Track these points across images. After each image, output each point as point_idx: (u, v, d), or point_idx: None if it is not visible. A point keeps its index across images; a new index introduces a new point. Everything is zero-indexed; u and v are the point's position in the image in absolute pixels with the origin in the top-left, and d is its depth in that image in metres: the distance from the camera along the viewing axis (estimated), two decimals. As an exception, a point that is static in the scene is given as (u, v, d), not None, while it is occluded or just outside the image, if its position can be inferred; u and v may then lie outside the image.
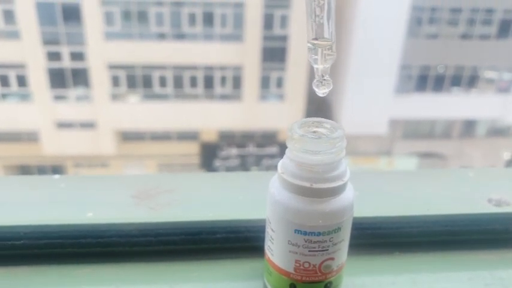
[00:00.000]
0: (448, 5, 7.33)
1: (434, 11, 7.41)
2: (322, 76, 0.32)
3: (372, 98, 7.49)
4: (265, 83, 7.62)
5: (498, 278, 0.40)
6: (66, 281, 0.39)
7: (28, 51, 6.95)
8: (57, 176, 0.51)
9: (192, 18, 7.18)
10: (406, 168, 8.08)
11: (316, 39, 0.31)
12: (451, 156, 8.28)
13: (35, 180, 0.52)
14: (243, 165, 8.00)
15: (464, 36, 7.58)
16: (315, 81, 0.32)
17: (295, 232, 0.33)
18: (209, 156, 8.05)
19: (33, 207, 0.44)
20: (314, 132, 0.33)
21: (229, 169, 7.94)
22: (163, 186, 0.49)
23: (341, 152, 0.32)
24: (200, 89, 7.61)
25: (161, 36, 7.31)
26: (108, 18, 7.05)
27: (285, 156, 0.34)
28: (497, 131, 8.34)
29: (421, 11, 7.35)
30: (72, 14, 6.92)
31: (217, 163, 8.07)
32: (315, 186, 0.32)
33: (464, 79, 7.82)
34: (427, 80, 7.78)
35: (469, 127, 8.39)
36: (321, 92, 0.32)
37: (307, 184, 0.32)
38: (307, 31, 0.31)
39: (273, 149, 7.83)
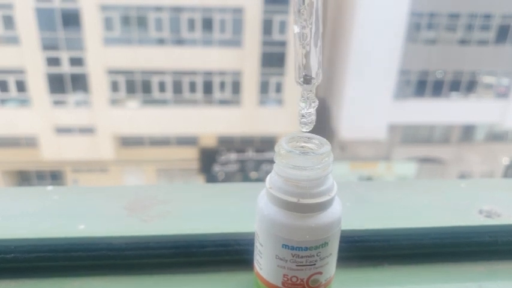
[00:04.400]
0: (447, 10, 7.36)
1: (432, 16, 7.44)
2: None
3: (371, 103, 7.50)
4: (264, 88, 7.64)
5: (487, 291, 0.40)
6: (57, 294, 0.39)
7: (27, 56, 6.96)
8: (50, 188, 0.51)
9: (191, 24, 7.20)
10: (400, 177, 8.08)
11: (301, 78, 0.31)
12: (450, 161, 8.28)
13: (28, 191, 0.53)
14: (242, 170, 8.00)
15: (463, 42, 7.60)
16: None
17: (282, 247, 0.33)
18: (208, 161, 8.05)
19: (24, 220, 0.44)
20: (302, 147, 0.33)
21: (228, 174, 7.94)
22: (156, 198, 0.49)
23: (328, 168, 0.32)
24: (199, 94, 7.62)
25: (160, 42, 7.33)
26: (108, 24, 7.07)
27: (272, 171, 0.34)
28: (495, 136, 8.35)
29: (420, 16, 7.38)
30: (71, 20, 6.94)
31: (216, 168, 8.07)
32: (302, 201, 0.32)
33: (463, 84, 7.84)
34: (425, 85, 7.79)
35: (467, 132, 8.41)
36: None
37: (294, 199, 0.32)
38: (295, 69, 0.31)
39: (272, 154, 7.82)
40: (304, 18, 0.30)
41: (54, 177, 8.04)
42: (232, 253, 0.41)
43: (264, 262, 0.35)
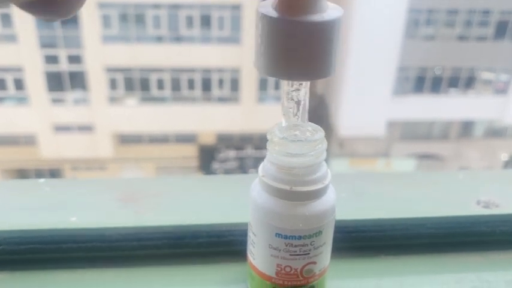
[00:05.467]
0: (445, 6, 7.35)
1: (431, 12, 7.43)
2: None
3: (370, 100, 7.50)
4: (263, 85, 7.63)
5: (485, 281, 0.40)
6: (47, 287, 0.38)
7: (25, 54, 6.95)
8: (42, 180, 0.51)
9: (190, 21, 7.18)
10: (397, 170, 8.09)
11: None
12: (449, 158, 8.29)
13: (20, 184, 0.52)
14: (241, 167, 8.00)
15: (462, 38, 7.59)
16: None
17: (276, 236, 0.32)
18: (207, 158, 8.05)
19: (14, 212, 0.43)
20: (295, 134, 0.32)
21: (227, 171, 7.94)
22: (150, 190, 0.49)
23: (321, 155, 0.32)
24: (198, 91, 7.61)
25: (159, 39, 7.31)
26: (106, 21, 7.06)
27: (265, 159, 0.33)
28: (494, 132, 8.36)
29: (418, 12, 7.37)
30: (69, 18, 6.91)
31: (215, 166, 8.07)
32: (295, 189, 0.31)
33: (462, 80, 7.83)
34: (424, 82, 7.79)
35: (466, 128, 8.41)
36: None
37: (287, 187, 0.31)
38: None
39: (271, 151, 7.82)
40: (294, 113, 0.32)
41: (53, 175, 8.03)
42: (225, 244, 0.40)
43: (257, 252, 0.34)
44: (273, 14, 0.26)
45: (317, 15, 0.25)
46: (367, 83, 7.35)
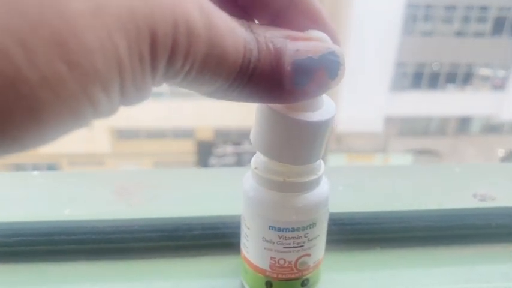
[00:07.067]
0: (443, 2, 7.34)
1: (429, 8, 7.42)
2: None
3: (367, 96, 7.50)
4: (260, 80, 7.59)
5: (479, 274, 0.39)
6: (39, 279, 0.38)
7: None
8: (36, 173, 0.50)
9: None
10: (394, 164, 8.11)
11: None
12: (446, 154, 8.31)
13: (13, 176, 0.51)
14: (239, 162, 8.00)
15: (459, 34, 7.59)
16: None
17: (269, 228, 0.32)
18: (205, 154, 8.04)
19: (8, 204, 0.43)
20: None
21: (225, 167, 7.94)
22: (144, 182, 0.48)
23: (315, 145, 0.31)
24: (195, 86, 7.58)
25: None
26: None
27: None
28: (492, 128, 8.38)
29: (416, 8, 7.36)
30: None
31: (213, 161, 8.07)
32: (288, 180, 0.31)
33: (459, 76, 7.84)
34: (422, 78, 7.79)
35: (464, 124, 8.42)
36: None
37: (280, 179, 0.31)
38: None
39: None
40: None
41: (51, 170, 8.02)
42: (220, 237, 0.40)
43: (250, 245, 0.34)
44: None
45: (309, 114, 0.26)
46: (364, 79, 7.35)
